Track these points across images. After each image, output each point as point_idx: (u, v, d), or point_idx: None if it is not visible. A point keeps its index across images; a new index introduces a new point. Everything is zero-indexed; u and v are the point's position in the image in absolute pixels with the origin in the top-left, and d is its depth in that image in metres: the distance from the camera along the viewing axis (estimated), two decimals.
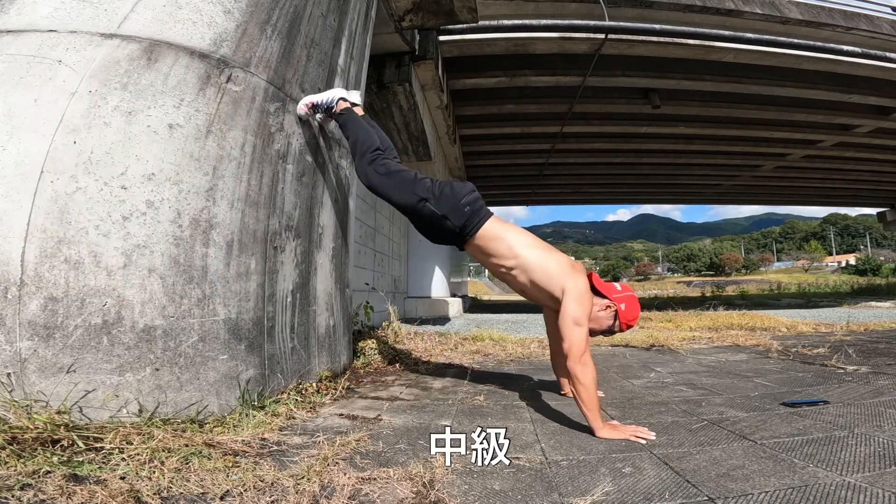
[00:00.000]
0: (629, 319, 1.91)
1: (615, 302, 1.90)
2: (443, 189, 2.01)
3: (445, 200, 1.97)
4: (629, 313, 1.91)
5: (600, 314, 1.88)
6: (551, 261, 1.89)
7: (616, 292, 1.93)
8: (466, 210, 1.95)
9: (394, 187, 2.06)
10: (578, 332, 1.68)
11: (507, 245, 1.93)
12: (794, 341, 4.02)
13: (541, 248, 1.94)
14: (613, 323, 1.91)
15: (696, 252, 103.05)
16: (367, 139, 2.17)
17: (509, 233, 1.97)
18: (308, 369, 2.21)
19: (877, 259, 62.95)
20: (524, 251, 1.91)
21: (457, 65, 6.83)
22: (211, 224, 1.74)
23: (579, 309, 1.73)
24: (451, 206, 1.96)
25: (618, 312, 1.89)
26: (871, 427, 1.60)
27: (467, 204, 1.96)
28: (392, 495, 1.12)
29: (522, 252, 1.91)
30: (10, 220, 1.45)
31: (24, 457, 1.14)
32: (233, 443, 1.39)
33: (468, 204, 1.96)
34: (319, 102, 2.23)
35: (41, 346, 1.42)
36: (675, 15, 6.55)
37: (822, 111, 8.90)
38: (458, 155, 9.57)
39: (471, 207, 1.96)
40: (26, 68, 1.61)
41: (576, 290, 1.78)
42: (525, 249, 1.92)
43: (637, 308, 1.94)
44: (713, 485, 1.17)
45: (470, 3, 4.24)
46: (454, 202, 1.96)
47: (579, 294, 1.77)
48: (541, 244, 1.97)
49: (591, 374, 1.61)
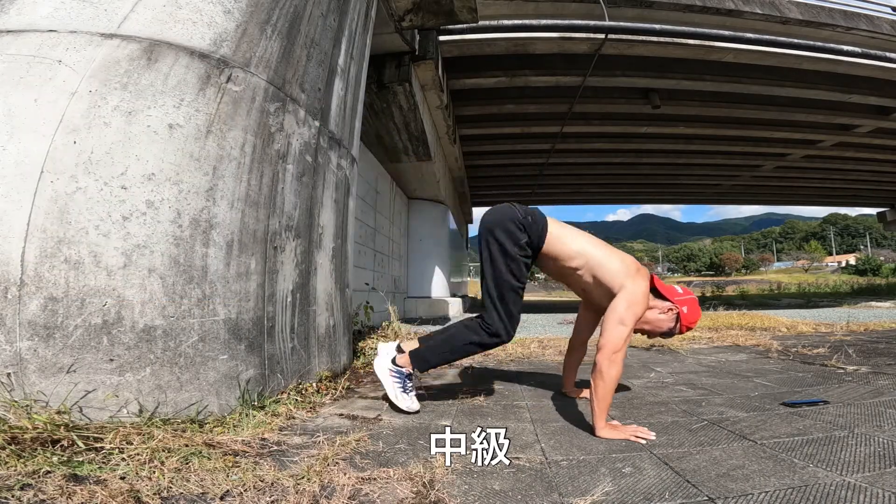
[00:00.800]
0: (690, 322, 1.89)
1: (678, 305, 1.88)
2: (503, 219, 1.89)
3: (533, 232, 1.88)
4: (691, 316, 1.89)
5: (661, 317, 1.87)
6: (616, 259, 1.87)
7: (678, 295, 1.91)
8: (528, 219, 1.89)
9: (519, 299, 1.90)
10: (620, 331, 1.66)
11: (573, 247, 1.90)
12: (794, 341, 4.02)
13: (603, 247, 1.93)
14: (675, 325, 1.89)
15: (696, 252, 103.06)
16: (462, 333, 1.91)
17: (570, 231, 1.94)
18: (308, 369, 2.21)
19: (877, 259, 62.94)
20: (590, 250, 1.89)
21: (457, 65, 6.83)
22: (211, 224, 1.74)
23: (629, 310, 1.71)
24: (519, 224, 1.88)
25: (679, 315, 1.88)
26: (871, 427, 1.60)
27: (526, 214, 1.90)
28: (392, 495, 1.12)
29: (590, 251, 1.89)
30: (10, 220, 1.45)
31: (24, 457, 1.14)
32: (233, 443, 1.39)
33: (526, 214, 1.90)
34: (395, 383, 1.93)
35: (41, 346, 1.42)
36: (675, 15, 6.56)
37: (822, 111, 8.90)
38: (458, 155, 9.58)
39: (530, 216, 1.90)
40: (26, 68, 1.61)
41: (633, 291, 1.75)
42: (591, 248, 1.90)
43: (699, 311, 1.92)
44: (713, 485, 1.17)
45: (470, 3, 4.24)
46: (513, 217, 1.88)
47: (635, 297, 1.74)
48: (602, 243, 1.96)
49: (615, 373, 1.60)
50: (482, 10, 5.02)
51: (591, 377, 1.65)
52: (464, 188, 13.21)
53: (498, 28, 6.24)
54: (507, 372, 2.93)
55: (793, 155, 11.70)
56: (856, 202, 19.55)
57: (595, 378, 1.62)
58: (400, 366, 1.96)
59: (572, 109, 8.37)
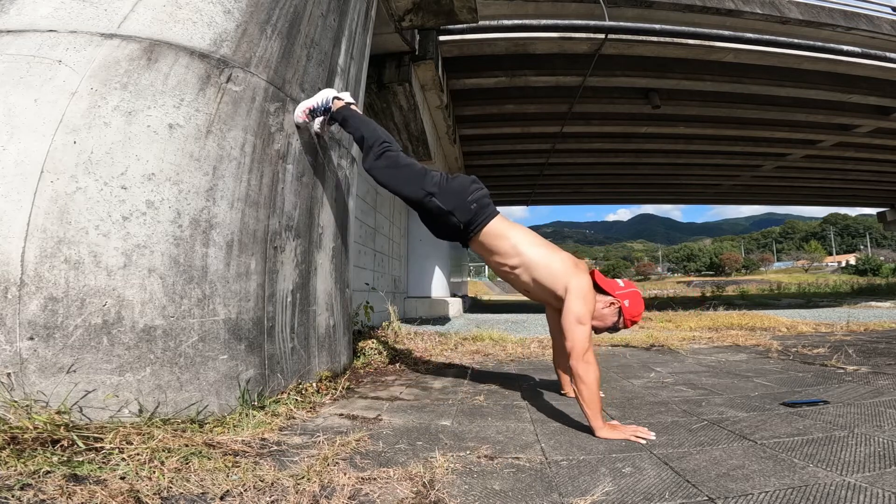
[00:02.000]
0: (633, 315, 1.90)
1: (619, 298, 1.89)
2: (450, 184, 2.01)
3: (452, 196, 1.97)
4: (633, 309, 1.90)
5: (604, 311, 1.88)
6: (555, 259, 1.89)
7: (619, 289, 1.93)
8: (473, 207, 1.95)
9: (402, 181, 2.06)
10: (581, 331, 1.68)
11: (510, 244, 1.93)
12: (794, 341, 4.02)
13: (544, 247, 1.94)
14: (618, 320, 1.90)
15: (696, 252, 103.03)
16: (374, 133, 2.16)
17: (513, 231, 1.97)
18: (308, 369, 2.21)
19: (877, 259, 62.95)
20: (528, 250, 1.91)
21: (457, 65, 6.82)
22: (211, 224, 1.74)
23: (582, 307, 1.72)
24: (457, 201, 1.96)
25: (622, 309, 1.89)
26: (871, 427, 1.60)
27: (474, 201, 1.96)
28: (392, 495, 1.12)
29: (526, 251, 1.91)
30: (10, 220, 1.45)
31: (24, 457, 1.14)
32: (233, 443, 1.39)
33: (475, 201, 1.96)
34: (316, 105, 2.21)
35: (41, 346, 1.42)
36: (675, 15, 6.55)
37: (822, 111, 8.89)
38: (458, 155, 9.57)
39: (477, 204, 1.96)
40: (26, 68, 1.61)
41: (579, 288, 1.78)
42: (529, 248, 1.92)
43: (641, 304, 1.93)
44: (713, 485, 1.17)
45: (470, 3, 4.24)
46: (461, 198, 1.96)
47: (582, 292, 1.76)
48: (544, 243, 1.97)
49: (593, 373, 1.61)
50: (482, 10, 5.02)
51: (573, 385, 1.66)
52: None
53: (498, 28, 6.24)
54: (507, 372, 2.93)
55: (793, 155, 11.69)
56: (856, 202, 19.54)
57: (577, 384, 1.63)
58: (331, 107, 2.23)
59: (572, 109, 8.37)
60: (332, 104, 2.23)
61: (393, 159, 2.09)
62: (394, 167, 2.08)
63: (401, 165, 2.08)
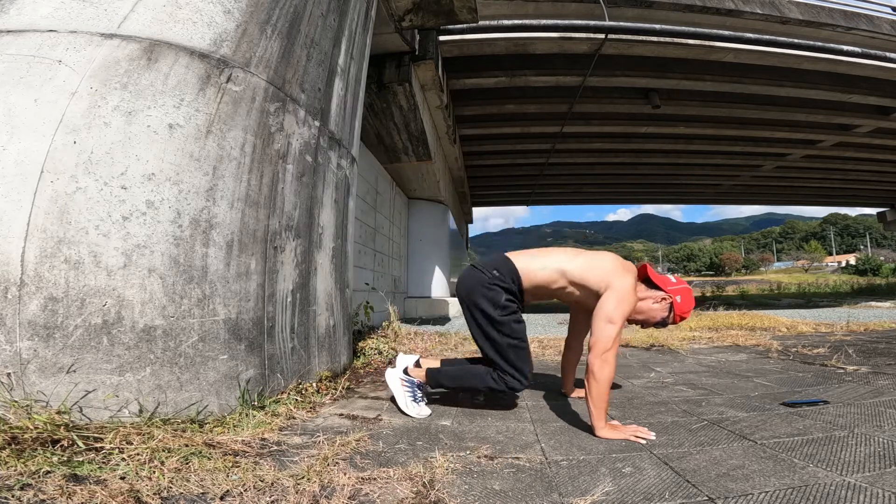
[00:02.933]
0: (684, 311, 1.89)
1: (671, 294, 1.88)
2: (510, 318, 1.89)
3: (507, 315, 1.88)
4: (684, 305, 1.88)
5: (655, 306, 1.86)
6: (598, 263, 1.86)
7: (671, 284, 1.91)
8: (496, 274, 1.89)
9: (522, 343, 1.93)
10: (609, 329, 1.65)
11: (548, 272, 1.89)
12: (794, 341, 4.02)
13: (583, 256, 1.92)
14: (668, 315, 1.88)
15: (696, 252, 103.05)
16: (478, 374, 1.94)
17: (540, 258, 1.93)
18: (308, 369, 2.21)
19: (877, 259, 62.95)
20: (568, 266, 1.88)
21: (457, 65, 6.83)
22: (211, 224, 1.74)
23: (617, 308, 1.69)
24: (509, 289, 1.88)
25: (673, 304, 1.87)
26: (871, 427, 1.60)
27: (493, 268, 1.90)
28: (392, 495, 1.12)
29: (568, 268, 1.88)
30: (10, 220, 1.45)
31: (25, 457, 1.14)
32: (233, 443, 1.39)
33: (493, 268, 1.90)
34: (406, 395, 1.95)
35: (41, 346, 1.42)
36: (675, 15, 6.55)
37: (822, 111, 8.89)
38: (458, 155, 9.57)
39: (497, 270, 1.90)
40: (26, 68, 1.61)
41: (620, 289, 1.74)
42: (568, 265, 1.88)
43: (692, 300, 1.91)
44: (713, 485, 1.17)
45: (470, 3, 4.24)
46: (503, 286, 1.88)
47: (622, 294, 1.73)
48: (582, 252, 1.94)
49: (608, 373, 1.59)
50: (482, 10, 5.02)
51: (584, 379, 1.65)
52: (464, 188, 13.21)
53: (498, 28, 6.24)
54: None
55: (793, 155, 11.69)
56: (856, 202, 19.54)
57: (588, 379, 1.61)
58: (412, 377, 2.00)
59: (572, 109, 8.37)
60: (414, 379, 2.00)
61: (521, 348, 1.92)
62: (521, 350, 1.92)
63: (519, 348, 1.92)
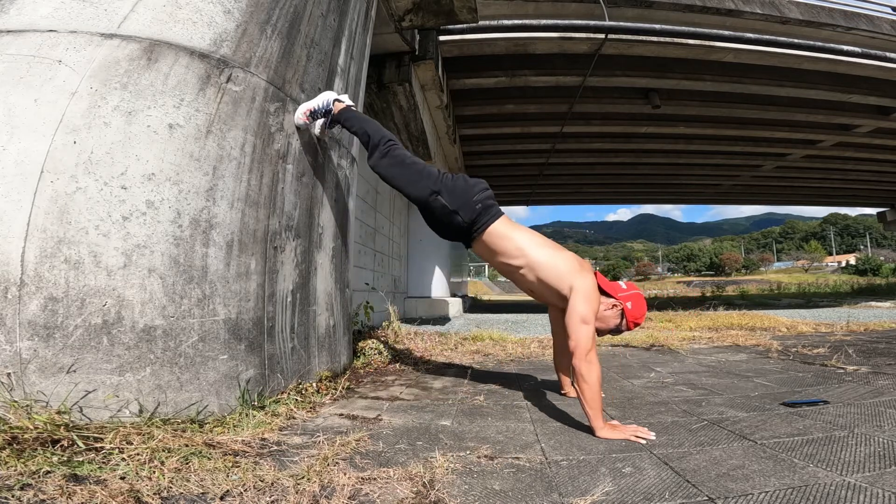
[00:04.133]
0: (636, 318, 1.91)
1: (621, 301, 1.89)
2: (456, 183, 2.01)
3: (458, 195, 1.97)
4: (636, 311, 1.90)
5: (607, 313, 1.88)
6: (559, 259, 1.89)
7: (622, 291, 1.93)
8: (478, 207, 1.95)
9: (408, 178, 2.06)
10: (585, 330, 1.68)
11: (515, 244, 1.93)
12: (794, 341, 4.02)
13: (549, 247, 1.94)
14: (620, 322, 1.90)
15: (696, 252, 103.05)
16: (378, 131, 2.16)
17: (518, 232, 1.97)
18: (308, 369, 2.21)
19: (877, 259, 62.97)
20: (532, 250, 1.92)
21: (457, 65, 6.83)
22: (211, 224, 1.74)
23: (587, 307, 1.73)
24: (462, 201, 1.96)
25: (624, 311, 1.89)
26: (871, 427, 1.60)
27: (479, 201, 1.96)
28: (392, 495, 1.12)
29: (531, 251, 1.91)
30: (10, 220, 1.45)
31: (24, 457, 1.14)
32: (233, 443, 1.39)
33: (480, 201, 1.96)
34: (316, 108, 2.20)
35: (41, 346, 1.42)
36: (675, 15, 6.55)
37: (822, 111, 8.90)
38: (458, 155, 9.57)
39: (482, 205, 1.96)
40: (26, 68, 1.61)
41: (584, 288, 1.78)
42: (533, 248, 1.92)
43: (644, 306, 1.93)
44: (713, 485, 1.17)
45: (470, 3, 4.24)
46: (466, 198, 1.96)
47: (587, 292, 1.77)
48: (549, 243, 1.97)
49: (595, 373, 1.61)
50: (482, 10, 5.02)
51: (575, 384, 1.67)
52: None
53: (498, 28, 6.24)
54: (507, 372, 2.93)
55: (793, 155, 11.70)
56: (856, 202, 19.54)
57: (579, 383, 1.63)
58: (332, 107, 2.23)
59: (572, 109, 8.37)
60: (332, 106, 2.23)
61: (399, 157, 2.10)
62: (399, 165, 2.09)
63: (406, 163, 2.09)
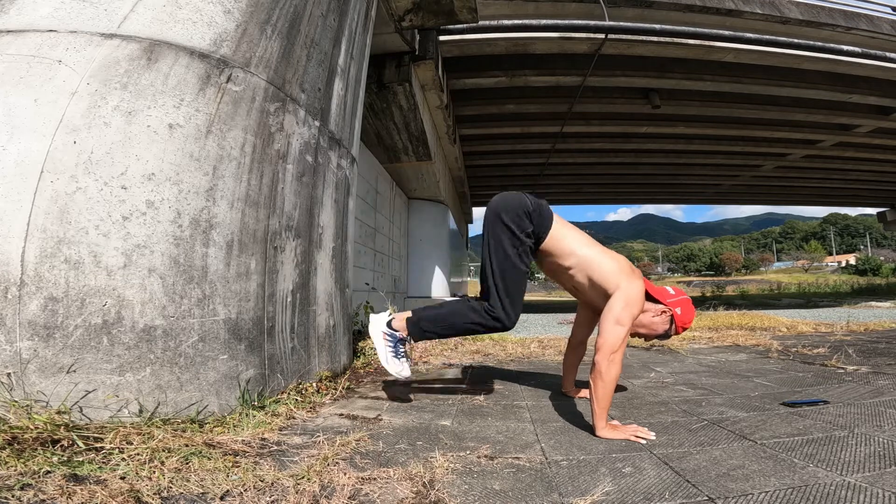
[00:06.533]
0: (685, 322, 1.89)
1: (670, 307, 1.88)
2: (541, 209, 1.90)
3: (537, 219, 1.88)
4: (685, 316, 1.88)
5: (655, 319, 1.86)
6: (610, 260, 1.86)
7: (670, 296, 1.91)
8: (537, 211, 1.88)
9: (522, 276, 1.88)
10: (617, 331, 1.65)
11: (567, 244, 1.89)
12: (794, 341, 4.02)
13: (598, 248, 1.92)
14: (670, 328, 1.89)
15: (696, 252, 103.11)
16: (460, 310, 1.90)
17: (569, 231, 1.93)
18: (308, 369, 2.21)
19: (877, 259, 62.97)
20: (583, 250, 1.88)
21: (457, 65, 6.83)
22: (211, 224, 1.74)
23: (626, 311, 1.69)
24: (539, 222, 1.87)
25: (674, 316, 1.88)
26: (871, 427, 1.60)
27: (537, 206, 1.89)
28: (392, 495, 1.12)
29: (581, 251, 1.88)
30: (10, 220, 1.45)
31: (25, 457, 1.14)
32: (233, 443, 1.39)
33: (538, 206, 1.90)
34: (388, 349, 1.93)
35: (41, 346, 1.42)
36: (675, 15, 6.56)
37: (822, 111, 8.91)
38: (458, 155, 9.58)
39: (540, 210, 1.89)
40: (26, 68, 1.61)
41: (629, 291, 1.74)
42: (584, 248, 1.89)
43: (692, 311, 1.91)
44: (713, 485, 1.17)
45: (470, 3, 4.24)
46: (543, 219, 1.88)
47: (631, 297, 1.72)
48: (595, 243, 1.94)
49: (614, 373, 1.60)
50: (482, 9, 5.03)
51: (590, 378, 1.65)
52: (464, 188, 13.22)
53: (498, 28, 6.24)
54: (507, 372, 2.93)
55: (793, 155, 11.70)
56: (856, 202, 19.55)
57: (594, 378, 1.61)
58: (395, 329, 1.95)
59: (572, 109, 8.38)
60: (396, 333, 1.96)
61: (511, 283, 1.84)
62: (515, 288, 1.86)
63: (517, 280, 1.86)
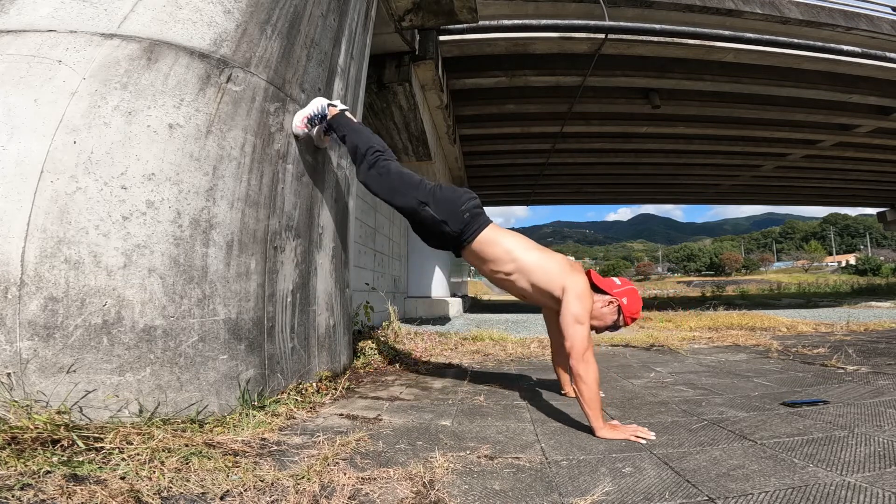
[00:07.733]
0: (633, 313, 1.91)
1: (617, 297, 1.90)
2: (443, 193, 2.01)
3: (445, 205, 1.97)
4: (632, 306, 1.91)
5: (603, 310, 1.89)
6: (549, 262, 1.90)
7: (616, 287, 1.94)
8: (466, 216, 1.96)
9: (394, 190, 2.06)
10: (580, 330, 1.68)
11: (504, 249, 1.94)
12: (794, 341, 4.02)
13: (538, 251, 1.95)
14: (618, 318, 1.91)
15: (696, 252, 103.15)
16: (367, 142, 2.15)
17: (506, 237, 1.97)
18: (308, 369, 2.21)
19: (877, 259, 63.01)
20: (522, 254, 1.92)
21: (457, 65, 6.83)
22: (211, 224, 1.74)
23: (580, 307, 1.73)
24: (450, 210, 1.96)
25: (621, 307, 1.89)
26: (871, 427, 1.60)
27: (467, 210, 1.97)
28: (392, 495, 1.12)
29: (521, 255, 1.92)
30: (10, 220, 1.45)
31: (25, 457, 1.14)
32: (233, 443, 1.39)
33: (468, 210, 1.97)
34: (312, 114, 2.16)
35: (41, 346, 1.42)
36: (675, 15, 6.55)
37: (822, 111, 8.90)
38: (458, 155, 9.58)
39: (470, 214, 1.97)
40: (26, 68, 1.61)
41: (576, 288, 1.78)
42: (523, 253, 1.92)
43: (639, 300, 1.94)
44: (713, 485, 1.17)
45: (470, 2, 4.24)
46: (453, 207, 1.96)
47: (580, 292, 1.77)
48: (537, 247, 1.98)
49: (593, 373, 1.62)
50: (482, 9, 5.02)
51: (573, 386, 1.67)
52: None
53: (498, 28, 6.24)
54: (507, 372, 2.93)
55: (793, 155, 11.70)
56: (856, 202, 19.54)
57: (577, 384, 1.63)
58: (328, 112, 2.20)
59: (572, 109, 8.38)
60: (327, 111, 2.20)
61: (385, 168, 2.08)
62: (386, 176, 2.07)
63: (393, 174, 2.07)
